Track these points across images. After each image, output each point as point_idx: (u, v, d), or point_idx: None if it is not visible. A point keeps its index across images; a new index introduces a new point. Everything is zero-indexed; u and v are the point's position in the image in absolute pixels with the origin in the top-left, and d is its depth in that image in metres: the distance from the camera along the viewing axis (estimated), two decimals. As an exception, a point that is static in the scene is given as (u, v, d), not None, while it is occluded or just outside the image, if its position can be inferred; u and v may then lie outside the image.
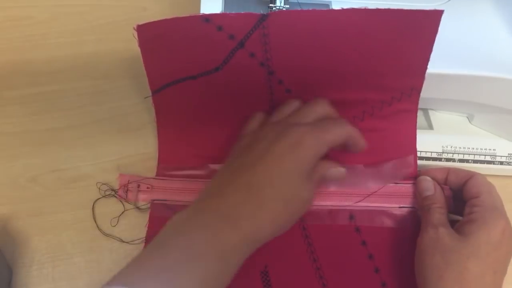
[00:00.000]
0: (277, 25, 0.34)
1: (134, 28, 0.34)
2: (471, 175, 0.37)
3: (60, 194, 0.41)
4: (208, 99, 0.39)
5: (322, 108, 0.37)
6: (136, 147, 0.43)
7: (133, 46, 0.50)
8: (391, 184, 0.40)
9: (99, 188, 0.40)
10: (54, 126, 0.44)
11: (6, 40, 0.49)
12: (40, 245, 0.38)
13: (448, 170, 0.39)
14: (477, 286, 0.31)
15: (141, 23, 0.34)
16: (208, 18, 0.33)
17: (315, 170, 0.34)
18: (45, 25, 0.50)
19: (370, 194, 0.39)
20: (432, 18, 0.34)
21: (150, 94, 0.39)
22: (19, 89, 0.46)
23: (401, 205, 0.39)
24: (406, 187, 0.40)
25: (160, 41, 0.35)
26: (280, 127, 0.34)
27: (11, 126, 0.44)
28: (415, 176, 0.40)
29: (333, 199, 0.40)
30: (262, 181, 0.31)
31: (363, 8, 0.33)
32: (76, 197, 0.40)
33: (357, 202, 0.39)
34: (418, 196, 0.39)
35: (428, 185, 0.38)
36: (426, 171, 0.40)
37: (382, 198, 0.39)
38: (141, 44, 0.35)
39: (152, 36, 0.35)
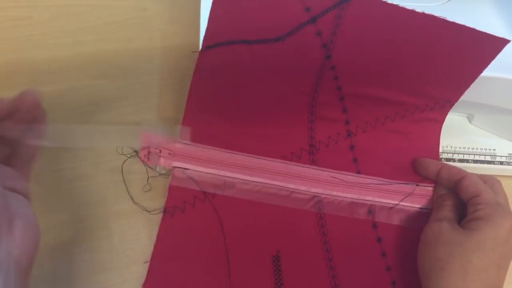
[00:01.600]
0: (355, 10, 0.34)
1: None
2: (463, 174, 0.37)
3: (60, 194, 0.41)
4: (254, 68, 0.38)
5: None
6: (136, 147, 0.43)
7: (133, 46, 0.50)
8: (413, 185, 0.40)
9: (121, 153, 0.41)
10: (54, 126, 0.44)
11: (6, 40, 0.49)
12: (40, 245, 0.38)
13: (442, 165, 0.39)
14: (480, 279, 0.32)
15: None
16: None
17: None
18: (45, 25, 0.50)
19: (392, 191, 0.40)
20: (496, 44, 0.35)
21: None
22: (19, 89, 0.46)
23: (422, 206, 0.40)
24: (428, 190, 0.40)
25: (235, 3, 0.34)
26: None
27: (11, 126, 0.44)
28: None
29: (355, 192, 0.40)
30: None
31: (442, 18, 0.34)
32: (76, 197, 0.40)
33: (378, 198, 0.40)
34: (434, 195, 0.39)
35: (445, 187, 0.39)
36: (421, 160, 0.40)
37: (404, 198, 0.40)
38: (214, 2, 0.34)
39: None
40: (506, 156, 0.43)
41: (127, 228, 0.39)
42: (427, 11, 0.42)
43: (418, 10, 0.34)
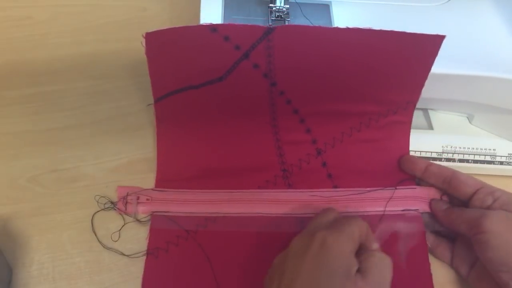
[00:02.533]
0: (282, 38, 0.35)
1: (143, 36, 0.34)
2: (453, 171, 0.38)
3: (60, 194, 0.41)
4: (209, 109, 0.40)
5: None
6: (136, 147, 0.43)
7: (133, 46, 0.50)
8: (392, 189, 0.40)
9: (97, 201, 0.40)
10: (54, 126, 0.44)
11: (6, 40, 0.49)
12: (40, 245, 0.38)
13: (430, 162, 0.40)
14: None
15: (150, 31, 0.34)
16: (216, 28, 0.34)
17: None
18: (45, 25, 0.50)
19: (373, 199, 0.40)
20: (434, 42, 0.35)
21: (152, 100, 0.39)
22: (19, 89, 0.46)
23: (405, 209, 0.39)
24: (407, 191, 0.40)
25: (167, 49, 0.35)
26: (306, 238, 0.32)
27: (11, 126, 0.44)
28: (411, 182, 0.41)
29: (337, 206, 0.39)
30: None
31: (368, 28, 0.34)
32: (76, 197, 0.40)
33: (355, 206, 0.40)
34: (439, 211, 0.38)
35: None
36: (408, 156, 0.41)
37: (385, 203, 0.40)
38: (148, 52, 0.35)
39: (159, 44, 0.35)
40: (506, 156, 0.43)
41: (127, 228, 0.39)
42: (427, 11, 0.42)
43: (415, 10, 0.35)
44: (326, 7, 0.42)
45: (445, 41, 0.35)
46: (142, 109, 0.46)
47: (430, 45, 0.36)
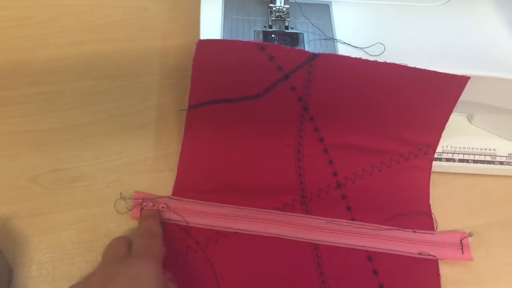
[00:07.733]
0: (323, 66, 0.36)
1: (195, 42, 0.36)
2: None
3: (60, 194, 0.41)
4: (239, 125, 0.40)
5: None
6: (136, 147, 0.43)
7: (133, 46, 0.50)
8: (410, 231, 0.40)
9: (114, 204, 0.40)
10: (54, 126, 0.44)
11: (6, 40, 0.49)
12: (40, 245, 0.38)
13: None
14: None
15: (203, 38, 0.35)
16: (264, 46, 0.36)
17: None
18: (45, 25, 0.50)
19: (390, 238, 0.40)
20: (458, 82, 0.37)
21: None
22: (19, 89, 0.46)
23: (421, 252, 0.39)
24: (426, 236, 0.40)
25: (213, 59, 0.37)
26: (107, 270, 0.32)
27: (11, 126, 0.44)
28: (430, 227, 0.40)
29: (353, 239, 0.39)
30: None
31: (403, 64, 0.36)
32: (76, 197, 0.40)
33: (375, 243, 0.39)
34: None
35: None
36: None
37: (402, 243, 0.39)
38: (196, 58, 0.36)
39: (208, 52, 0.36)
40: (506, 156, 0.43)
41: (127, 228, 0.39)
42: (427, 11, 0.42)
43: (415, 10, 0.35)
44: (326, 7, 0.42)
45: (445, 41, 0.35)
46: (142, 109, 0.46)
47: (454, 84, 0.37)
